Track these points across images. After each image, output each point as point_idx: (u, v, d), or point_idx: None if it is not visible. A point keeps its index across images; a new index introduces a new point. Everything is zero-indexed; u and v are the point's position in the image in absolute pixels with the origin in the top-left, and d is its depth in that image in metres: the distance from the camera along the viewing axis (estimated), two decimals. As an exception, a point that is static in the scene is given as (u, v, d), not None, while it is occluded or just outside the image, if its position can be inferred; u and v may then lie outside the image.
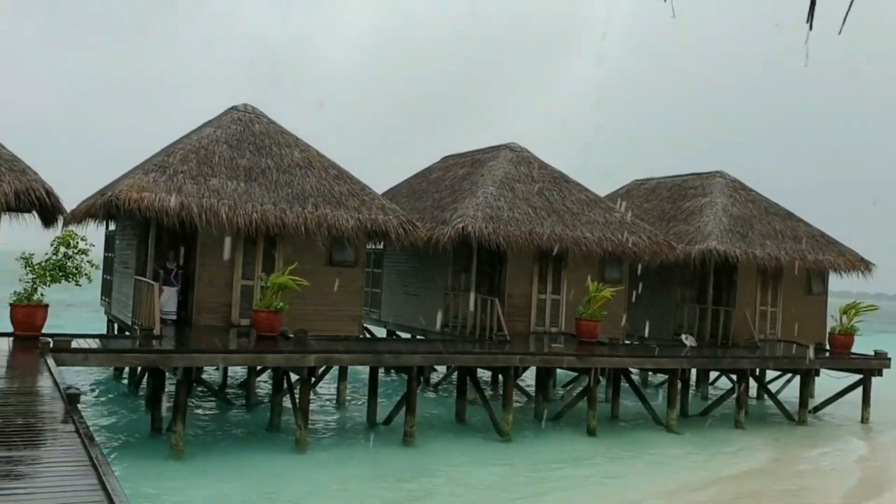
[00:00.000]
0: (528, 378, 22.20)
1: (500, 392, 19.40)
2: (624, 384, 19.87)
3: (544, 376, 19.85)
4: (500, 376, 20.15)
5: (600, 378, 17.96)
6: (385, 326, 24.00)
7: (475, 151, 23.68)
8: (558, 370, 20.73)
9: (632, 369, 20.16)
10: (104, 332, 20.48)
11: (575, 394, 19.68)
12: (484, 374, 20.94)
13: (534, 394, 20.21)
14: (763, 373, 23.76)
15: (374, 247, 22.30)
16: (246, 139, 18.38)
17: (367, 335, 22.30)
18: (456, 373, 19.04)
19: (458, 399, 18.20)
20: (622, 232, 20.98)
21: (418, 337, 21.62)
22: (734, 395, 20.27)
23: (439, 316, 20.35)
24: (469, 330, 19.33)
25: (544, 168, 22.34)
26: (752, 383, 22.28)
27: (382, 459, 14.64)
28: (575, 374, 21.66)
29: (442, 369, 23.25)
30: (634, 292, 22.41)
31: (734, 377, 21.05)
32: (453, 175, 22.94)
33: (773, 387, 23.50)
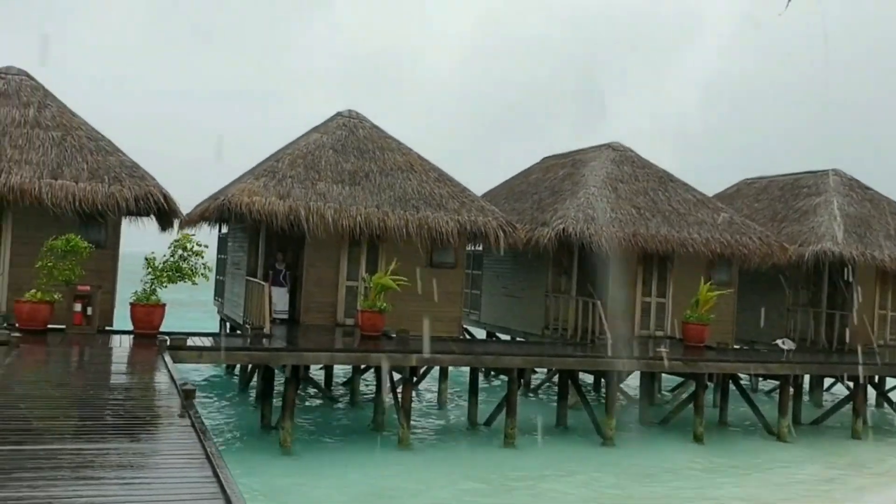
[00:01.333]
0: (632, 382, 21.79)
1: (602, 396, 19.13)
2: (733, 390, 19.24)
3: (649, 381, 19.44)
4: (602, 380, 19.87)
5: (708, 383, 17.43)
6: (484, 328, 24.06)
7: (576, 151, 23.45)
8: (663, 375, 20.27)
9: (741, 375, 19.51)
10: (217, 330, 21.36)
11: (681, 399, 19.19)
12: (586, 378, 20.69)
13: (637, 398, 19.84)
14: (882, 380, 22.52)
15: (473, 248, 22.40)
16: (350, 144, 18.82)
17: (467, 336, 22.41)
18: (557, 376, 18.89)
19: (559, 402, 18.06)
20: (731, 233, 20.34)
21: (518, 339, 21.57)
22: (851, 404, 19.31)
23: (539, 318, 20.25)
24: (570, 333, 19.16)
25: (648, 167, 21.90)
26: (871, 391, 21.16)
27: (484, 460, 14.69)
28: (681, 378, 21.13)
29: (543, 372, 23.12)
30: (744, 295, 21.68)
31: (850, 384, 20.04)
32: (553, 176, 22.78)
33: (893, 395, 22.25)
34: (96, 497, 5.26)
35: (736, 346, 20.73)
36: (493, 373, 23.22)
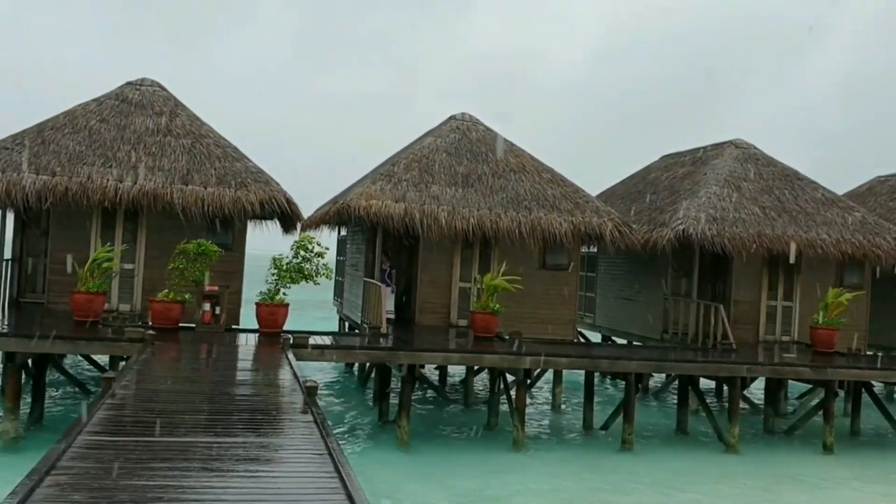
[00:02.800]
0: (756, 389, 20.92)
1: (725, 403, 18.44)
2: (866, 398, 18.16)
3: (775, 388, 18.59)
4: (724, 386, 19.16)
5: (838, 391, 16.52)
6: (599, 331, 23.67)
7: (696, 149, 22.74)
8: (790, 381, 19.35)
9: (874, 382, 18.39)
10: (337, 330, 21.93)
11: (810, 407, 18.28)
12: (707, 384, 20.01)
13: (762, 406, 19.02)
14: None
15: (587, 250, 22.08)
16: (463, 146, 18.94)
17: (582, 339, 22.10)
18: (677, 381, 18.36)
19: (679, 408, 17.53)
20: (863, 233, 19.22)
21: (635, 343, 21.11)
22: None
23: (658, 322, 19.74)
24: (691, 337, 18.58)
25: (773, 165, 20.99)
26: None
27: (600, 464, 14.43)
28: (809, 386, 20.12)
29: (661, 377, 22.52)
30: (880, 300, 20.44)
31: None
32: (672, 175, 22.17)
33: None
34: (225, 489, 5.49)
35: (869, 353, 19.56)
36: (609, 377, 22.81)
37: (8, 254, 16.86)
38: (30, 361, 14.10)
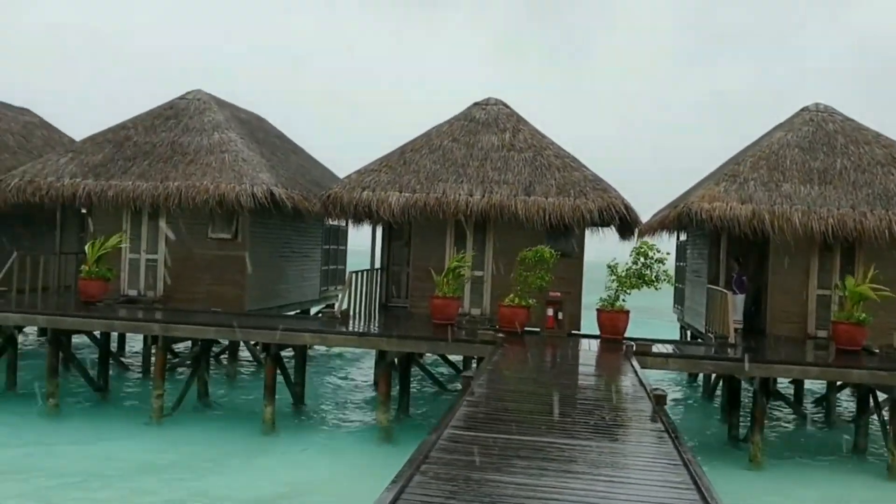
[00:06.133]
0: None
1: None
2: None
3: None
4: None
5: None
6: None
7: None
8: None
9: None
10: (677, 338, 21.31)
11: None
12: None
13: None
14: None
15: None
16: (818, 140, 17.36)
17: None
18: None
19: None
20: None
21: None
22: None
23: None
24: None
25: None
26: None
27: None
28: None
29: None
30: None
31: None
32: None
33: None
34: (584, 491, 5.56)
35: None
36: None
37: (377, 263, 18.90)
38: (395, 360, 15.64)
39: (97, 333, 17.40)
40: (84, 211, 19.64)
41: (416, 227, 17.43)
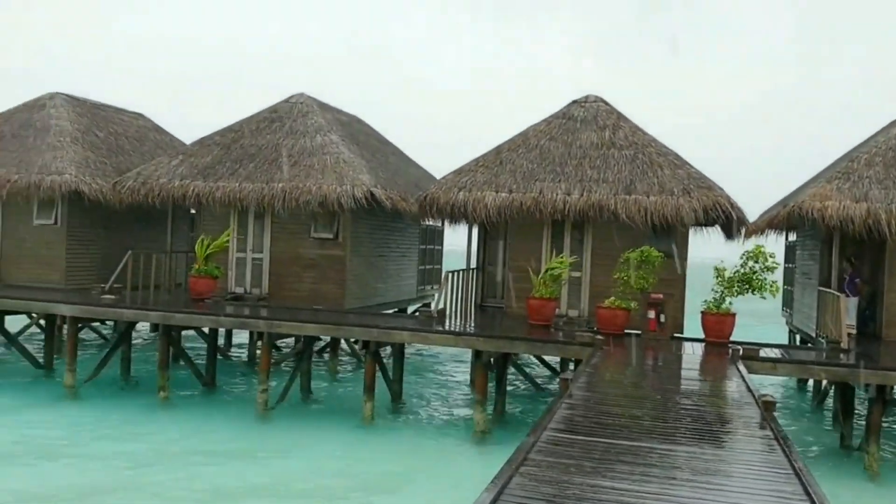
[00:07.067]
0: None
1: None
2: None
3: None
4: None
5: None
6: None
7: None
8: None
9: None
10: (786, 342, 20.49)
11: None
12: None
13: None
14: None
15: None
16: (942, 134, 16.33)
17: None
18: None
19: None
20: None
21: None
22: None
23: None
24: None
25: None
26: None
27: None
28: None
29: None
30: None
31: None
32: None
33: None
34: (689, 499, 5.40)
35: None
36: None
37: (473, 263, 18.92)
38: (492, 359, 15.61)
39: (205, 329, 18.09)
40: (193, 211, 20.48)
41: (513, 227, 17.36)
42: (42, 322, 20.41)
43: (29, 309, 18.36)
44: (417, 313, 19.26)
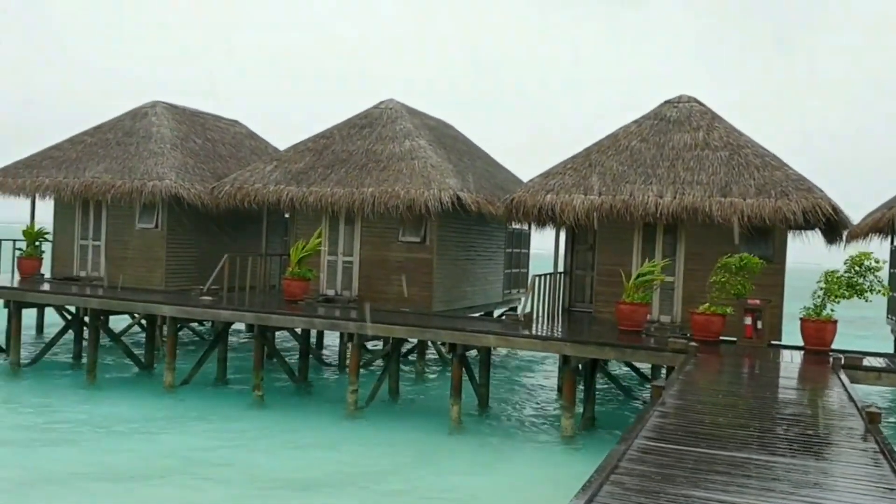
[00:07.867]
0: None
1: None
2: None
3: None
4: None
5: None
6: None
7: None
8: None
9: None
10: (891, 351, 19.50)
11: None
12: None
13: None
14: None
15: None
16: None
17: None
18: None
19: None
20: None
21: None
22: None
23: None
24: None
25: None
26: None
27: None
28: None
29: None
30: None
31: None
32: None
33: None
34: (788, 512, 5.19)
35: None
36: None
37: (561, 267, 18.74)
38: (580, 365, 15.42)
39: (298, 330, 18.52)
40: (287, 215, 21.00)
41: (602, 230, 17.11)
42: (143, 322, 21.31)
43: (131, 309, 19.17)
44: (504, 317, 19.22)
